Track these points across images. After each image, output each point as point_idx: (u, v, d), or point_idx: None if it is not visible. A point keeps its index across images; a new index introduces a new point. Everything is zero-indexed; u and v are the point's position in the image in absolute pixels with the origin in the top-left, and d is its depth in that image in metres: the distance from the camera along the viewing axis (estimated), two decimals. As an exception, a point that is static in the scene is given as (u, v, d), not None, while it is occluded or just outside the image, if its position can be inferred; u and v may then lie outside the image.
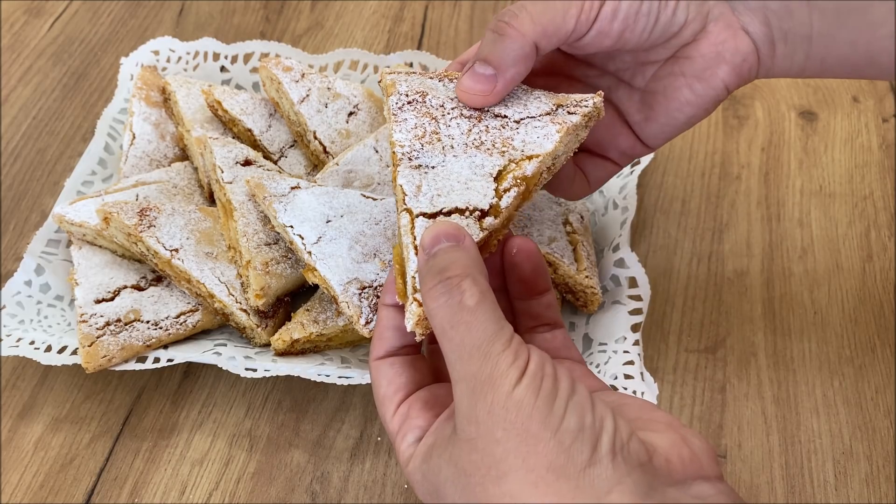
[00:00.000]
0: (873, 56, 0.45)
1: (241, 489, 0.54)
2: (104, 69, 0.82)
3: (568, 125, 0.43)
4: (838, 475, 0.54)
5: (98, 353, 0.55)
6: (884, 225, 0.67)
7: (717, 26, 0.46)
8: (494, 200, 0.40)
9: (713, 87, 0.46)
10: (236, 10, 0.88)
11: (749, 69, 0.46)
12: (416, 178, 0.41)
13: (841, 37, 0.45)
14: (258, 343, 0.58)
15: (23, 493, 0.54)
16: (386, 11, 0.87)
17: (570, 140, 0.44)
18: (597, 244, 0.63)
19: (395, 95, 0.44)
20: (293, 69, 0.66)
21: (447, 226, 0.37)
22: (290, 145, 0.68)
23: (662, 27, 0.45)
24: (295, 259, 0.58)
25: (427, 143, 0.42)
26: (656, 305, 0.62)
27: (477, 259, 0.36)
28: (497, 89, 0.43)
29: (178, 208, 0.60)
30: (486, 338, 0.33)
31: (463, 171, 0.41)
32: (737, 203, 0.69)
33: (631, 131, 0.49)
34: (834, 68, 0.46)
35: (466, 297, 0.33)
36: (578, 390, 0.32)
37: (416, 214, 0.39)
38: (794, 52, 0.46)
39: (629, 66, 0.49)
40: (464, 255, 0.35)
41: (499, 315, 0.34)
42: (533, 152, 0.42)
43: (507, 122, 0.44)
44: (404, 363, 0.40)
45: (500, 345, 0.33)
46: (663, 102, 0.47)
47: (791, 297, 0.63)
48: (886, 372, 0.58)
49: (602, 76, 0.50)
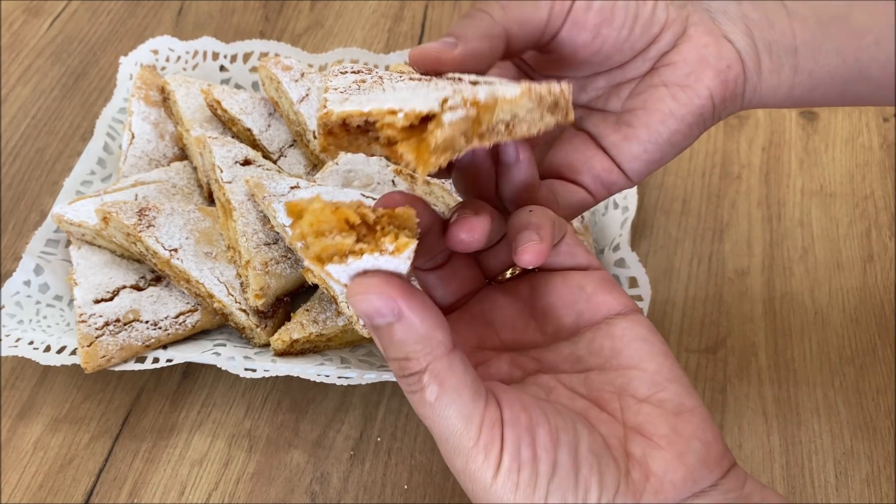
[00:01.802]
0: (863, 67, 0.43)
1: (241, 489, 0.54)
2: (103, 69, 0.82)
3: (532, 88, 0.36)
4: (839, 475, 0.54)
5: (97, 353, 0.55)
6: (884, 225, 0.67)
7: (698, 31, 0.43)
8: (437, 110, 0.32)
9: (698, 95, 0.42)
10: (235, 9, 0.88)
11: (735, 79, 0.43)
12: (345, 97, 0.36)
13: (826, 46, 0.42)
14: (258, 343, 0.58)
15: (22, 493, 0.54)
16: (386, 11, 0.87)
17: (532, 109, 0.37)
18: (597, 244, 0.63)
19: (339, 67, 0.40)
20: (293, 68, 0.66)
21: (374, 301, 0.31)
22: (289, 145, 0.68)
23: (643, 24, 0.42)
24: (294, 259, 0.58)
25: (368, 87, 0.37)
26: (657, 305, 0.62)
27: (424, 330, 0.31)
28: (455, 53, 0.38)
29: (177, 208, 0.60)
30: (452, 434, 0.31)
31: (402, 95, 0.35)
32: (737, 203, 0.69)
33: (606, 156, 0.45)
34: (825, 85, 0.44)
35: (427, 394, 0.31)
36: (560, 465, 0.32)
37: (329, 105, 0.34)
38: (780, 65, 0.43)
39: (602, 93, 0.46)
40: (409, 335, 0.31)
41: (465, 399, 0.31)
42: (492, 94, 0.36)
43: (460, 83, 0.37)
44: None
45: (468, 440, 0.31)
46: (644, 116, 0.43)
47: (791, 296, 0.63)
48: (887, 372, 0.58)
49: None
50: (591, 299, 0.37)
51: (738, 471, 0.36)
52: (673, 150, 0.44)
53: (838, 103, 0.45)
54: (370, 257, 0.30)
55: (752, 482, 0.35)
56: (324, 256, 0.30)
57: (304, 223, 0.31)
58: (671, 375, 0.35)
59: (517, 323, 0.40)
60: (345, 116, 0.33)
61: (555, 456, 0.32)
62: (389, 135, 0.33)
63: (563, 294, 0.38)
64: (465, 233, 0.34)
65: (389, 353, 0.32)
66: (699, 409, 0.35)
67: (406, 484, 0.54)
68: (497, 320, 0.40)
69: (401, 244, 0.31)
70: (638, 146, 0.43)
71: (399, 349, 0.31)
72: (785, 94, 0.44)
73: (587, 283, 0.38)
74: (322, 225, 0.31)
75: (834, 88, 0.44)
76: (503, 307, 0.40)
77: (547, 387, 0.37)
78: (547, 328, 0.39)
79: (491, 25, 0.39)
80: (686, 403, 0.35)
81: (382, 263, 0.31)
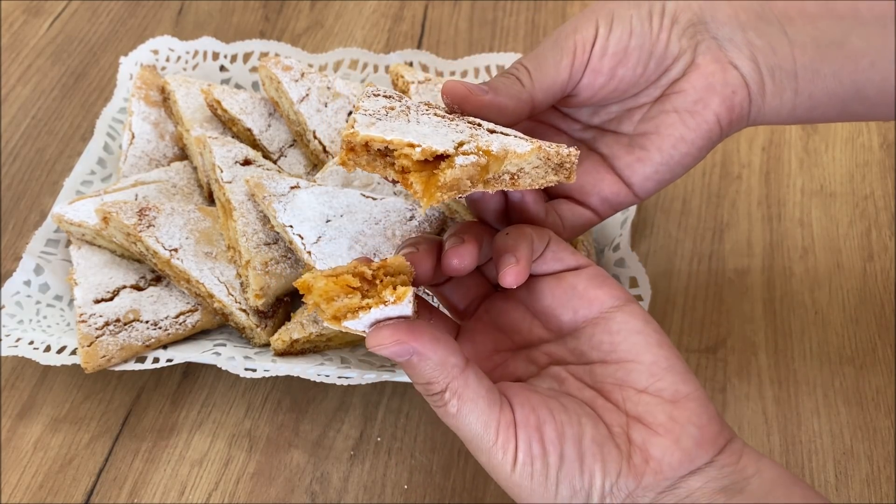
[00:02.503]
0: (860, 88, 0.45)
1: (241, 489, 0.54)
2: (103, 68, 0.82)
3: (542, 147, 0.40)
4: (839, 475, 0.54)
5: (97, 353, 0.55)
6: (884, 224, 0.67)
7: (706, 59, 0.45)
8: (451, 151, 0.38)
9: (706, 121, 0.45)
10: (235, 9, 0.88)
11: (740, 103, 0.46)
12: (372, 121, 0.39)
13: (824, 70, 0.45)
14: (258, 343, 0.58)
15: (22, 493, 0.54)
16: (386, 10, 0.87)
17: (538, 166, 0.40)
18: (597, 244, 0.63)
19: (372, 89, 0.44)
20: (293, 68, 0.66)
21: (390, 348, 0.37)
22: (289, 145, 0.68)
23: (657, 59, 0.45)
24: (294, 259, 0.58)
25: (395, 115, 0.41)
26: (657, 305, 0.62)
27: (438, 358, 0.37)
28: (483, 98, 0.42)
29: (177, 208, 0.60)
30: (475, 436, 0.37)
31: (424, 131, 0.39)
32: (737, 202, 0.69)
33: (617, 177, 0.48)
34: (824, 105, 0.46)
35: (449, 408, 0.37)
36: (566, 457, 0.37)
37: (356, 126, 0.38)
38: (782, 88, 0.46)
39: (615, 116, 0.48)
40: (426, 366, 0.37)
41: (481, 407, 0.37)
42: (504, 147, 0.40)
43: (479, 128, 0.41)
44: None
45: (489, 441, 0.37)
46: (657, 140, 0.46)
47: (792, 296, 0.63)
48: (887, 372, 0.58)
49: (586, 129, 0.50)
50: (585, 295, 0.41)
51: (735, 445, 0.39)
52: (682, 170, 0.47)
53: (837, 120, 0.48)
54: (377, 310, 0.36)
55: (748, 455, 0.39)
56: (339, 316, 0.36)
57: (314, 296, 0.36)
58: (667, 364, 0.39)
59: (522, 325, 0.44)
60: (368, 140, 0.38)
61: (561, 448, 0.37)
62: (405, 164, 0.37)
63: (557, 295, 0.42)
64: (457, 259, 0.40)
65: (414, 380, 0.38)
66: (695, 394, 0.39)
67: (406, 484, 0.54)
68: (506, 326, 0.44)
69: (399, 294, 0.36)
70: (650, 168, 0.47)
71: (421, 377, 0.38)
72: (787, 113, 0.47)
73: (578, 281, 0.41)
74: (329, 293, 0.36)
75: (833, 108, 0.46)
76: (508, 312, 0.44)
77: (559, 378, 0.41)
78: (550, 326, 0.43)
79: (520, 91, 0.44)
80: (682, 390, 0.39)
81: (389, 312, 0.36)
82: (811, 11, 0.45)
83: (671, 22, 0.45)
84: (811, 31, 0.45)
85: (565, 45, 0.44)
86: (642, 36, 0.45)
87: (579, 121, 0.50)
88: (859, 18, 0.44)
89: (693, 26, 0.45)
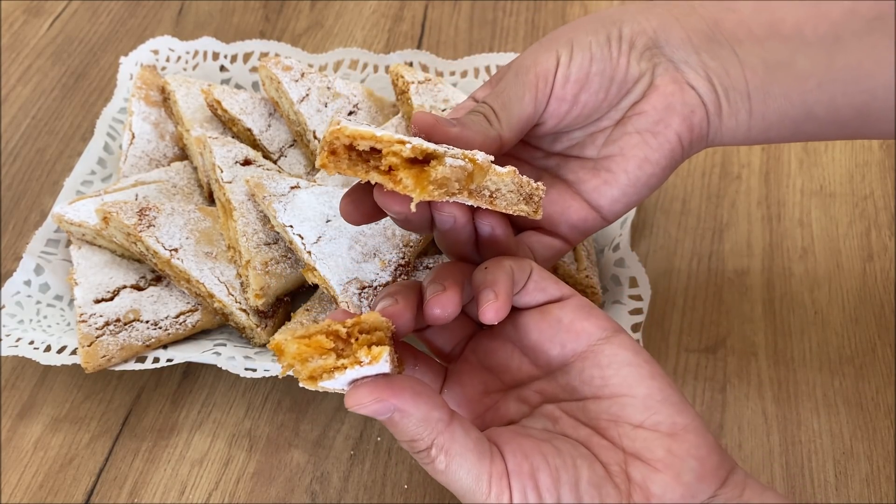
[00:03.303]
0: (809, 108, 0.45)
1: (241, 489, 0.54)
2: (103, 69, 0.82)
3: (516, 171, 0.40)
4: (839, 475, 0.54)
5: (97, 352, 0.55)
6: (884, 224, 0.67)
7: (664, 80, 0.46)
8: (441, 151, 0.37)
9: (668, 140, 0.46)
10: (236, 9, 0.88)
11: (699, 122, 0.46)
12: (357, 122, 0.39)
13: (775, 91, 0.45)
14: (258, 343, 0.58)
15: (22, 493, 0.54)
16: (386, 11, 0.87)
17: (513, 190, 0.40)
18: (597, 244, 0.63)
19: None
20: (293, 68, 0.66)
21: (371, 407, 0.35)
22: (289, 145, 0.68)
23: (619, 83, 0.46)
24: (294, 259, 0.58)
25: (377, 125, 0.40)
26: (656, 305, 0.62)
27: (420, 414, 0.35)
28: (451, 131, 0.42)
29: (177, 208, 0.60)
30: (467, 491, 0.36)
31: (405, 135, 0.39)
32: (737, 203, 0.69)
33: (584, 202, 0.48)
34: (777, 125, 0.46)
35: (437, 464, 0.36)
36: (563, 502, 0.36)
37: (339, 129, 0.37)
38: (737, 109, 0.46)
39: (577, 142, 0.48)
40: (409, 423, 0.36)
41: (471, 461, 0.36)
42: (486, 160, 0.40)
43: (455, 150, 0.41)
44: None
45: (482, 494, 0.36)
46: (622, 162, 0.46)
47: (791, 296, 0.63)
48: (887, 372, 0.58)
49: (548, 157, 0.49)
50: (571, 328, 0.40)
51: (737, 477, 0.38)
52: (648, 191, 0.47)
53: (792, 140, 0.48)
54: (352, 370, 0.34)
55: (751, 487, 0.37)
56: (315, 376, 0.35)
57: (287, 358, 0.35)
58: (661, 397, 0.38)
59: (511, 364, 0.42)
60: (356, 135, 0.36)
61: (558, 494, 0.36)
62: (392, 162, 0.36)
63: (543, 329, 0.40)
64: (439, 309, 0.38)
65: (399, 438, 0.36)
66: (692, 425, 0.37)
67: (406, 484, 0.54)
68: (494, 365, 0.43)
69: (374, 354, 0.34)
70: (618, 190, 0.47)
71: (404, 434, 0.36)
72: (743, 134, 0.47)
73: (564, 314, 0.40)
74: (302, 355, 0.35)
75: (786, 129, 0.46)
76: (495, 351, 0.43)
77: (553, 417, 0.40)
78: (539, 363, 0.41)
79: (488, 129, 0.43)
80: (679, 422, 0.37)
81: (366, 371, 0.35)
82: (757, 33, 0.45)
83: (629, 46, 0.45)
84: (759, 53, 0.45)
85: (526, 80, 0.45)
86: (603, 61, 0.45)
87: (540, 148, 0.50)
88: (804, 39, 0.44)
89: (649, 49, 0.46)
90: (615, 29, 0.46)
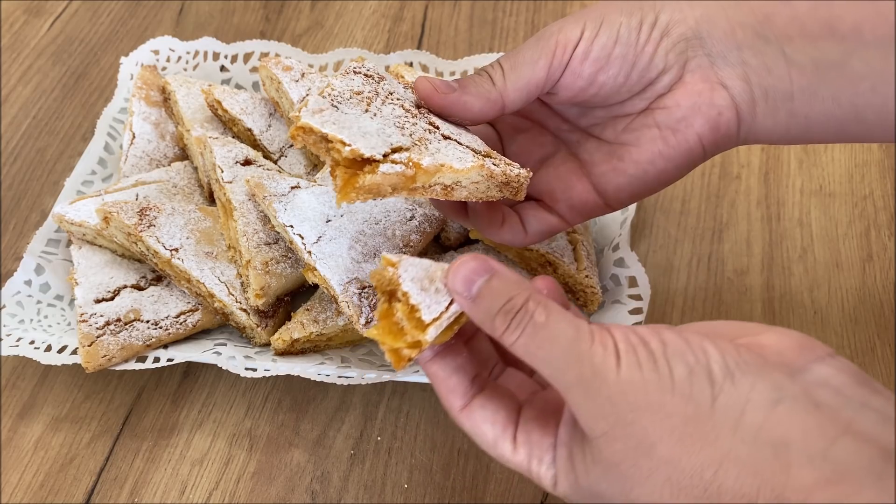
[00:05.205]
0: (858, 111, 0.44)
1: (241, 489, 0.54)
2: (104, 69, 0.82)
3: (484, 164, 0.41)
4: (838, 475, 0.54)
5: (98, 352, 0.55)
6: (884, 224, 0.67)
7: (694, 77, 0.45)
8: (378, 157, 0.39)
9: (687, 140, 0.45)
10: (236, 9, 0.88)
11: (726, 124, 0.45)
12: (324, 106, 0.41)
13: (822, 92, 0.43)
14: (258, 343, 0.58)
15: (23, 493, 0.54)
16: (386, 11, 0.87)
17: (479, 182, 0.42)
18: (597, 243, 0.63)
19: (355, 65, 0.45)
20: (293, 69, 0.66)
21: (471, 265, 0.36)
22: (290, 145, 0.68)
23: (640, 71, 0.45)
24: (295, 259, 0.58)
25: (356, 102, 0.42)
26: (656, 305, 0.62)
27: (512, 274, 0.36)
28: (449, 96, 0.42)
29: (177, 208, 0.60)
30: (570, 343, 0.34)
31: (369, 127, 0.41)
32: (737, 202, 0.69)
33: (590, 185, 0.47)
34: (820, 126, 0.45)
35: (537, 317, 0.35)
36: (668, 341, 0.34)
37: (303, 111, 0.40)
38: (776, 110, 0.44)
39: (601, 121, 0.48)
40: (505, 281, 0.36)
41: (568, 314, 0.35)
42: (439, 161, 0.41)
43: (435, 132, 0.43)
44: (492, 396, 0.39)
45: (585, 342, 0.34)
46: (634, 153, 0.46)
47: (791, 296, 0.63)
48: (886, 372, 0.58)
49: (573, 131, 0.49)
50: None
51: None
52: (659, 186, 0.47)
53: (833, 142, 0.47)
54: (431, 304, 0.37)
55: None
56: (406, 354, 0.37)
57: (386, 347, 0.38)
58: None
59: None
60: (307, 128, 0.40)
61: (660, 338, 0.34)
62: (335, 157, 0.40)
63: None
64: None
65: (493, 307, 0.35)
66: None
67: (406, 483, 0.54)
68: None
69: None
70: (624, 179, 0.46)
71: (501, 296, 0.35)
72: (781, 134, 0.46)
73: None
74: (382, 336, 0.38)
75: (829, 130, 0.45)
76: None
77: None
78: None
79: (489, 90, 0.44)
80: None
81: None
82: (812, 31, 0.43)
83: (661, 35, 0.44)
84: (811, 52, 0.43)
85: (546, 44, 0.44)
86: (627, 45, 0.44)
87: (568, 120, 0.49)
88: (862, 40, 0.42)
89: (686, 41, 0.44)
90: (652, 14, 0.44)
